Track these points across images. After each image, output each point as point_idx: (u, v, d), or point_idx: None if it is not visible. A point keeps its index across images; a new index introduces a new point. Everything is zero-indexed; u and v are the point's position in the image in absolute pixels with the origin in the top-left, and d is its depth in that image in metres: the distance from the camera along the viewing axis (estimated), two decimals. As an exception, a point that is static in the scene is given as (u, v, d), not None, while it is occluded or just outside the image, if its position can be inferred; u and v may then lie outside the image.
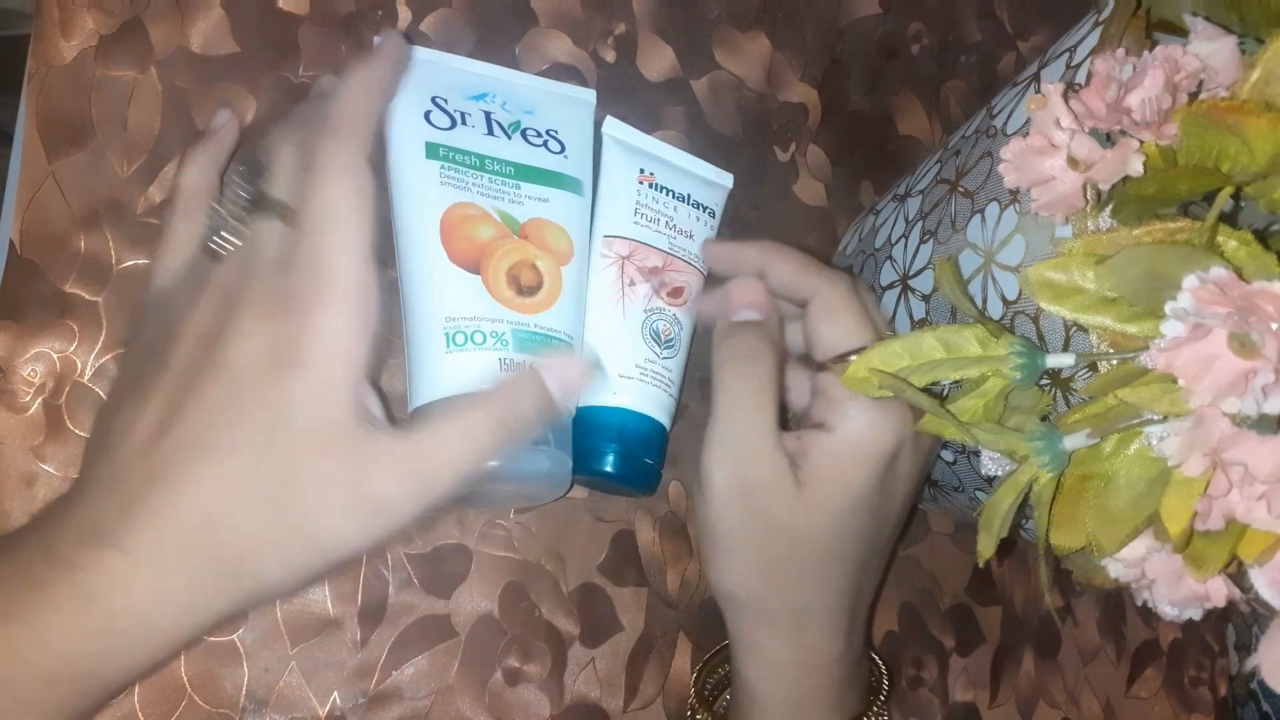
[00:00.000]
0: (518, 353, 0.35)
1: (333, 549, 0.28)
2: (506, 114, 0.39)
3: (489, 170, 0.37)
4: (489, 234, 0.36)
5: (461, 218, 0.36)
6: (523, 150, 0.38)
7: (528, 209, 0.37)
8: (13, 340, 0.36)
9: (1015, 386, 0.28)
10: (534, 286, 0.36)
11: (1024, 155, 0.26)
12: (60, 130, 0.37)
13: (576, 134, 0.40)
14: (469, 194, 0.36)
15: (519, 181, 0.37)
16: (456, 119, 0.37)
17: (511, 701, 0.40)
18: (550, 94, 0.41)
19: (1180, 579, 0.25)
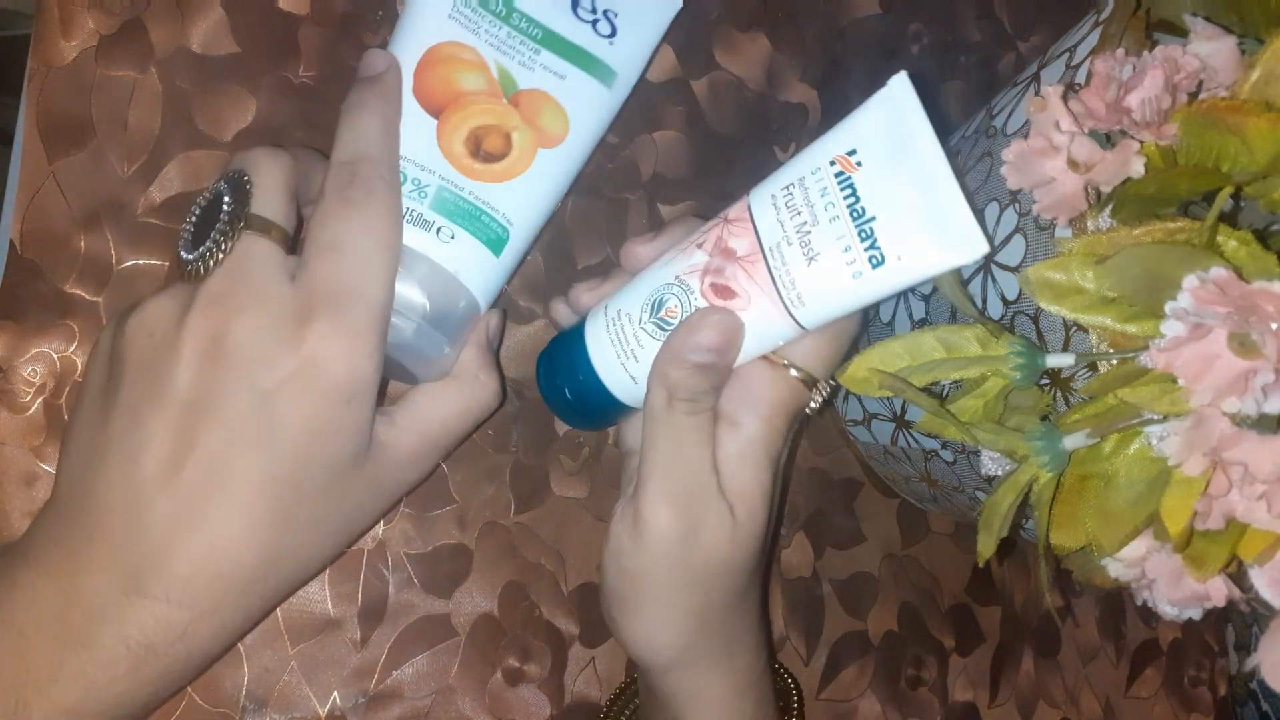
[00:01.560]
0: (432, 209, 0.31)
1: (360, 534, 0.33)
2: None
3: (513, 23, 0.34)
4: (470, 85, 0.33)
5: (447, 58, 0.33)
6: (563, 17, 0.34)
7: (536, 77, 0.34)
8: (13, 340, 0.36)
9: (1015, 386, 0.28)
10: (495, 155, 0.33)
11: (1025, 157, 0.26)
12: (60, 130, 0.37)
13: (639, 27, 0.36)
14: (474, 37, 0.33)
15: (541, 47, 0.34)
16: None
17: (511, 701, 0.40)
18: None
19: (1180, 579, 0.25)
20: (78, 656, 0.26)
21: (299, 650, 0.38)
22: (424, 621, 0.39)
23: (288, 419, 0.27)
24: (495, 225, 0.33)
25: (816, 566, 0.45)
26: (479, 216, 0.32)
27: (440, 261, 0.31)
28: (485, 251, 0.32)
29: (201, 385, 0.26)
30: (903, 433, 0.39)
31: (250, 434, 0.26)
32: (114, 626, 0.26)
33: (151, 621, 0.26)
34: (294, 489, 0.27)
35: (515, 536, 0.41)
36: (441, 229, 0.31)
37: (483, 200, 0.32)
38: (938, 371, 0.28)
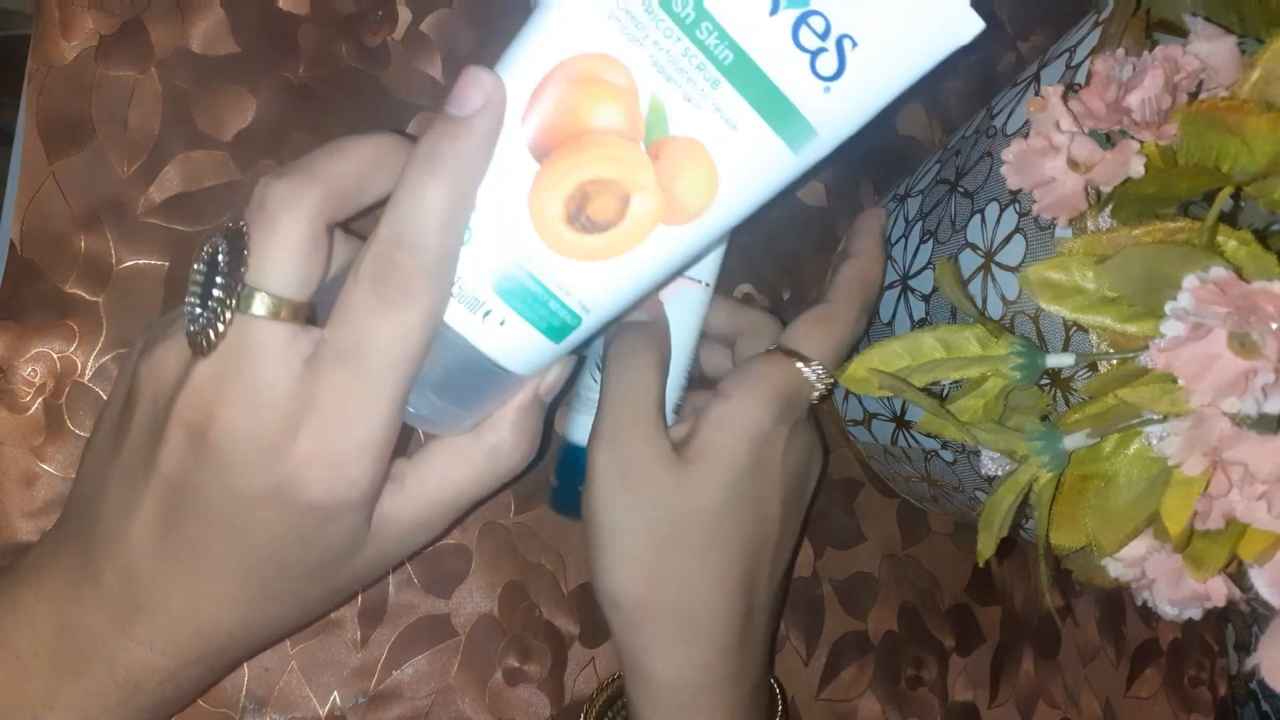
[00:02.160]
0: (490, 288, 0.25)
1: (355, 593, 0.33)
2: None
3: (697, 36, 0.24)
4: (604, 120, 0.24)
5: (586, 78, 0.24)
6: (774, 41, 0.24)
7: (699, 119, 0.24)
8: (13, 340, 0.36)
9: (1015, 386, 0.28)
10: (600, 223, 0.25)
11: (1025, 157, 0.26)
12: (60, 130, 0.37)
13: (882, 67, 0.25)
14: (636, 50, 0.24)
15: (723, 78, 0.24)
16: None
17: (511, 701, 0.40)
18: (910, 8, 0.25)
19: (1180, 579, 0.25)
20: (71, 686, 0.27)
21: (299, 650, 0.38)
22: (424, 621, 0.39)
23: (263, 528, 0.25)
24: (564, 313, 0.26)
25: (816, 566, 0.45)
26: (546, 303, 0.25)
27: (479, 345, 0.26)
28: (541, 339, 0.26)
29: (184, 472, 0.25)
30: (903, 433, 0.39)
31: (226, 533, 0.26)
32: (104, 663, 0.27)
33: (137, 664, 0.27)
34: (275, 576, 0.27)
35: (515, 536, 0.41)
36: (492, 313, 0.25)
37: (558, 283, 0.25)
38: (938, 371, 0.28)
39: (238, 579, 0.26)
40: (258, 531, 0.25)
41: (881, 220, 0.38)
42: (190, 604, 0.27)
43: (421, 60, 0.42)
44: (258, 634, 0.29)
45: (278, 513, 0.25)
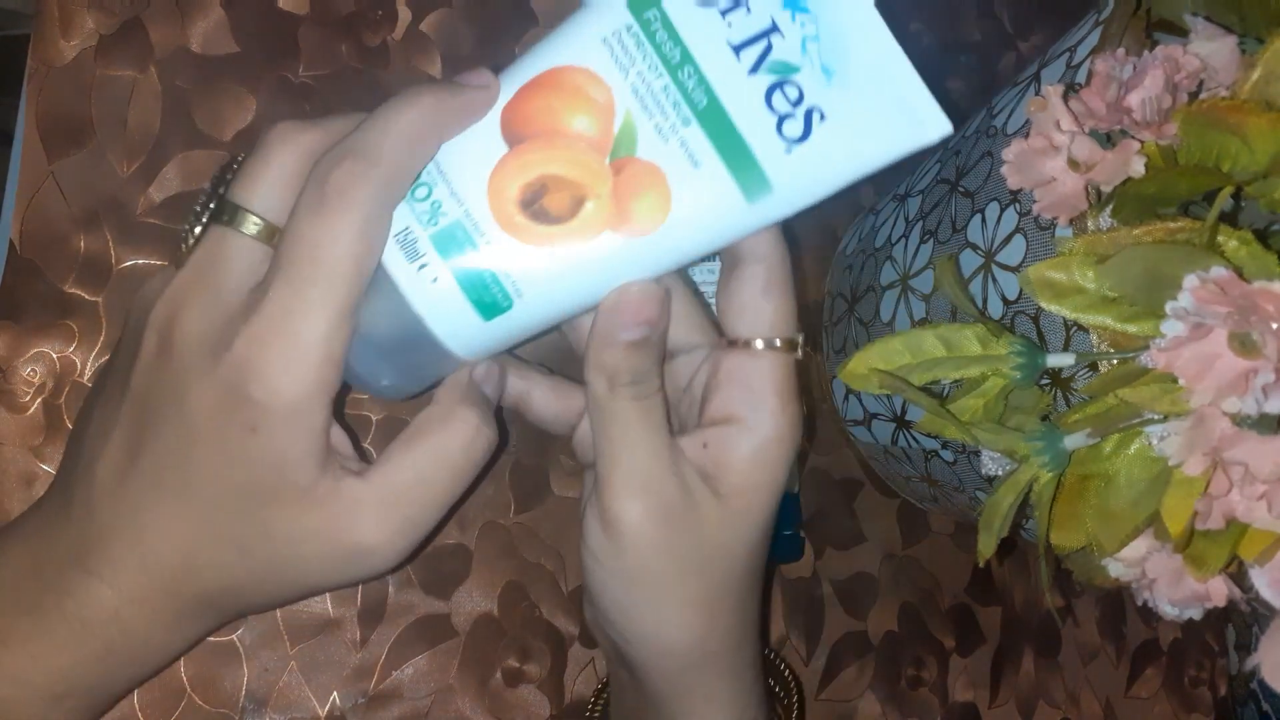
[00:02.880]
0: (432, 242, 0.26)
1: (319, 588, 0.29)
2: (794, 51, 0.26)
3: (679, 76, 0.26)
4: (577, 126, 0.26)
5: (569, 86, 0.26)
6: (747, 96, 0.26)
7: (664, 150, 0.26)
8: (13, 340, 0.36)
9: (1015, 386, 0.28)
10: (551, 215, 0.26)
11: (1025, 157, 0.26)
12: (60, 130, 0.37)
13: (850, 145, 0.27)
14: (619, 75, 0.26)
15: (694, 119, 0.26)
16: (732, 3, 0.25)
17: (511, 701, 0.40)
18: (891, 83, 0.26)
19: (1180, 579, 0.25)
20: (25, 621, 0.27)
21: (298, 650, 0.38)
22: (424, 621, 0.39)
23: (205, 439, 0.25)
24: (496, 289, 0.27)
25: (816, 567, 0.45)
26: (480, 277, 0.26)
27: (409, 297, 0.26)
28: (470, 312, 0.27)
29: (149, 385, 0.26)
30: (903, 433, 0.39)
31: (174, 447, 0.26)
32: (57, 596, 0.26)
33: (85, 594, 0.26)
34: (215, 504, 0.26)
35: (515, 536, 0.41)
36: (428, 266, 0.26)
37: (497, 262, 0.26)
38: (938, 370, 0.28)
39: (181, 503, 0.26)
40: (200, 444, 0.25)
41: None
42: (136, 531, 0.26)
43: (421, 60, 0.42)
44: (204, 581, 0.27)
45: (218, 419, 0.25)
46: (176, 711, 0.36)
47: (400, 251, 0.26)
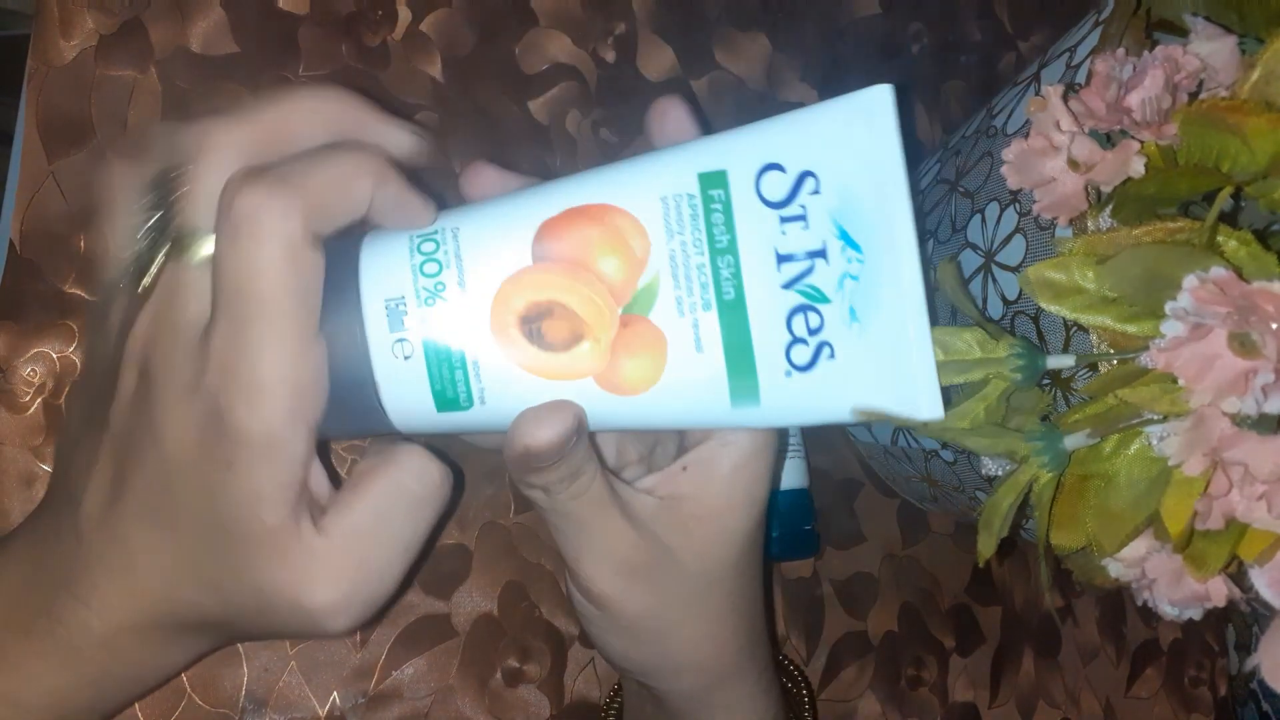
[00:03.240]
0: (420, 322, 0.25)
1: (286, 636, 0.30)
2: (834, 286, 0.25)
3: (715, 263, 0.25)
4: (606, 269, 0.25)
5: (613, 228, 0.25)
6: (773, 307, 0.25)
7: (674, 325, 0.25)
8: (13, 340, 0.36)
9: (1016, 388, 0.28)
10: (546, 342, 0.25)
11: (1025, 157, 0.26)
12: (60, 130, 0.37)
13: (847, 385, 0.26)
14: (663, 239, 0.25)
15: (716, 306, 0.25)
16: (792, 208, 0.25)
17: (511, 701, 0.40)
18: (909, 361, 0.25)
19: (1180, 579, 0.25)
20: (18, 644, 0.27)
21: (298, 650, 0.38)
22: (424, 621, 0.39)
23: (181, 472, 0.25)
24: (463, 388, 0.25)
25: (816, 566, 0.45)
26: (454, 366, 0.25)
27: (373, 361, 0.25)
28: (427, 399, 0.26)
29: (131, 421, 0.25)
30: (903, 433, 0.39)
31: (158, 483, 0.25)
32: (48, 620, 0.26)
33: (77, 623, 0.26)
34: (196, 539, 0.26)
35: (515, 536, 0.41)
36: (406, 341, 0.25)
37: (475, 359, 0.25)
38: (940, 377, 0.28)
39: (164, 537, 0.26)
40: (181, 480, 0.25)
41: None
42: (124, 561, 0.26)
43: (421, 60, 0.42)
44: (188, 613, 0.27)
45: (197, 455, 0.24)
46: (177, 711, 0.36)
47: (385, 317, 0.25)
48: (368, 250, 0.26)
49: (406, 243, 0.25)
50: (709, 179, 0.25)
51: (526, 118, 0.43)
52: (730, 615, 0.30)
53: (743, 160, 0.25)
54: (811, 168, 0.25)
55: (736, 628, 0.31)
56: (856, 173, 0.25)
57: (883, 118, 0.25)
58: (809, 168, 0.25)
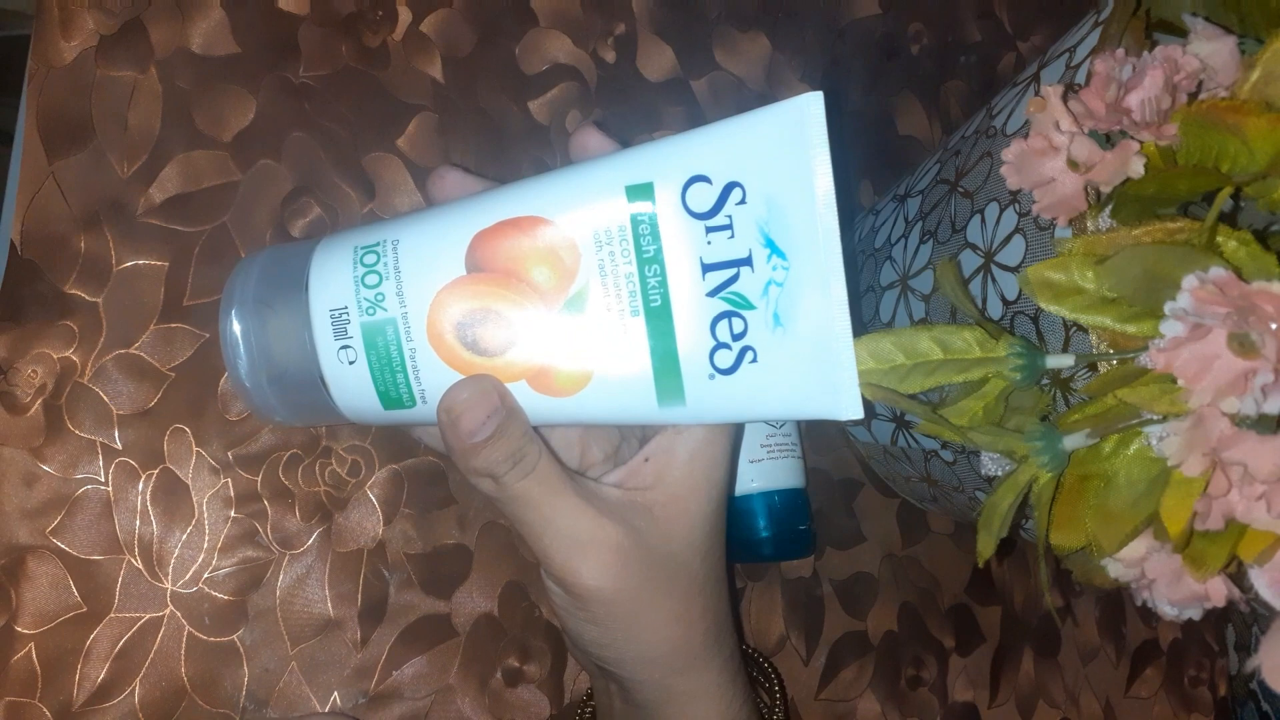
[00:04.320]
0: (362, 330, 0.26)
1: None
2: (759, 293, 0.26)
3: (644, 271, 0.26)
4: (534, 278, 0.26)
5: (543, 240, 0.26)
6: (697, 315, 0.26)
7: (603, 329, 0.27)
8: (13, 341, 0.36)
9: (1015, 387, 0.28)
10: (481, 348, 0.27)
11: (1025, 157, 0.26)
12: (60, 130, 0.37)
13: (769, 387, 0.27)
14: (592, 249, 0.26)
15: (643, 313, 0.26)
16: (718, 220, 0.26)
17: (511, 701, 0.40)
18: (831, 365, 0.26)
19: (1180, 579, 0.25)
20: None
21: (299, 651, 0.38)
22: (424, 621, 0.39)
23: None
24: (404, 390, 0.27)
25: (816, 566, 0.45)
26: (395, 371, 0.27)
27: (322, 365, 0.27)
28: (372, 396, 0.27)
29: None
30: (903, 433, 0.39)
31: None
32: None
33: None
34: None
35: (515, 536, 0.41)
36: (350, 348, 0.27)
37: (416, 364, 0.27)
38: (939, 375, 0.28)
39: None
40: None
41: None
42: None
43: (421, 60, 0.42)
44: None
45: None
46: (177, 711, 0.36)
47: (330, 326, 0.27)
48: (318, 260, 0.27)
49: (351, 254, 0.27)
50: (636, 191, 0.26)
51: (526, 118, 0.43)
52: (698, 598, 0.31)
53: (669, 172, 0.26)
54: (738, 178, 0.26)
55: (704, 610, 0.31)
56: (783, 181, 0.26)
57: (812, 126, 0.26)
58: (735, 178, 0.26)
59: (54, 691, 0.35)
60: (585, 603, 0.29)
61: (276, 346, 0.27)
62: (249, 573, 0.37)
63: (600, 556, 0.29)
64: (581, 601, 0.29)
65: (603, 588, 0.29)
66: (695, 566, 0.31)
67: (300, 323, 0.27)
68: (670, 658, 0.31)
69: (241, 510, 0.38)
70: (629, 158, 0.27)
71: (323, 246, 0.28)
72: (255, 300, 0.27)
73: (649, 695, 0.32)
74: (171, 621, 0.36)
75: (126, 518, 0.36)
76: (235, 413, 0.38)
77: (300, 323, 0.27)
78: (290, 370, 0.27)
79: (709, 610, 0.32)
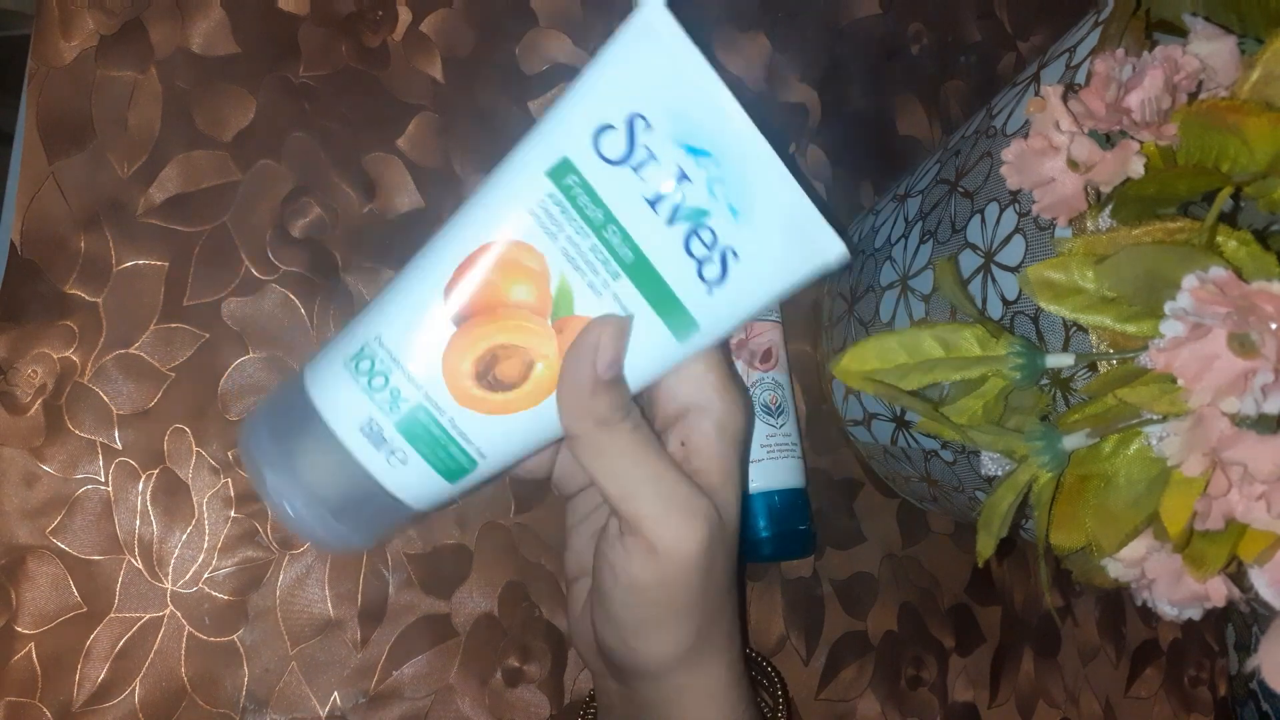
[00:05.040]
0: (397, 429, 0.27)
1: None
2: (703, 195, 0.27)
3: (604, 236, 0.27)
4: (519, 296, 0.27)
5: (507, 261, 0.27)
6: (667, 246, 0.27)
7: (599, 304, 0.27)
8: (13, 341, 0.36)
9: (1015, 387, 0.28)
10: (506, 383, 0.27)
11: (1025, 157, 0.26)
12: (60, 130, 0.37)
13: (763, 280, 0.28)
14: (550, 243, 0.27)
15: (622, 272, 0.27)
16: (636, 155, 0.27)
17: (511, 701, 0.40)
18: (790, 214, 0.27)
19: (1180, 579, 0.25)
20: None
21: (299, 651, 0.38)
22: (424, 621, 0.39)
23: None
24: (462, 457, 0.28)
25: (816, 566, 0.45)
26: (445, 447, 0.28)
27: (382, 482, 0.28)
28: (437, 479, 0.28)
29: None
30: (903, 433, 0.39)
31: None
32: None
33: None
34: None
35: (515, 536, 0.41)
36: (396, 451, 0.27)
37: (460, 430, 0.28)
38: (937, 373, 0.28)
39: None
40: None
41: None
42: None
43: (421, 60, 0.42)
44: None
45: None
46: (177, 711, 0.36)
47: (368, 442, 0.27)
48: (316, 390, 0.28)
49: (345, 370, 0.28)
50: (557, 171, 0.27)
51: (526, 118, 0.43)
52: (717, 595, 0.31)
53: (575, 139, 0.27)
54: (634, 109, 0.27)
55: (720, 608, 0.31)
56: (670, 88, 0.27)
57: (666, 30, 0.27)
58: (632, 110, 0.27)
59: (54, 691, 0.35)
60: (663, 572, 0.29)
61: (326, 489, 0.28)
62: (249, 573, 0.37)
63: (697, 525, 0.29)
64: (660, 570, 0.29)
65: (690, 554, 0.29)
66: (732, 551, 0.31)
67: (336, 454, 0.27)
68: (691, 652, 0.31)
69: (241, 510, 0.38)
70: (535, 144, 0.27)
71: (312, 376, 0.28)
72: (281, 457, 0.28)
73: (658, 693, 0.32)
74: (171, 621, 0.36)
75: (126, 518, 0.36)
76: (235, 413, 0.38)
77: (336, 454, 0.27)
78: (351, 499, 0.28)
79: (725, 607, 0.32)
